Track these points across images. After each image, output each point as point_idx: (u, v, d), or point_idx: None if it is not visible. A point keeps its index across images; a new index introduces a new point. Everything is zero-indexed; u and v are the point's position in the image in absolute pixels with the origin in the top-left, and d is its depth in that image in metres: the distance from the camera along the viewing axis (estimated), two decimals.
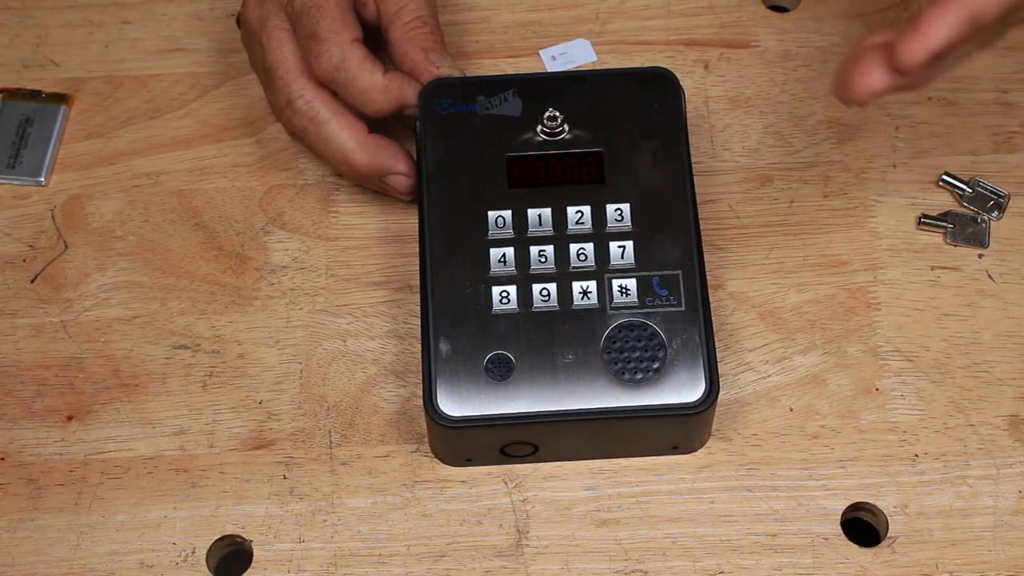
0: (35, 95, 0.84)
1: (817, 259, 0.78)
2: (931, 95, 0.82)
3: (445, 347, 0.71)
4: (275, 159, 0.82)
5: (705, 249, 0.74)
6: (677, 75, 0.76)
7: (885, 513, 0.72)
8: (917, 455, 0.73)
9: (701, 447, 0.74)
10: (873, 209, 0.80)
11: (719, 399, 0.71)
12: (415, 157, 0.77)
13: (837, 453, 0.73)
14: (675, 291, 0.71)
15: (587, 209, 0.73)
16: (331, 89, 0.76)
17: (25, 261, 0.80)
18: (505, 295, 0.72)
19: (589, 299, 0.71)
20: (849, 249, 0.78)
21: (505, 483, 0.73)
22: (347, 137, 0.76)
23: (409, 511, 0.73)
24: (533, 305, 0.71)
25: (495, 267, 0.72)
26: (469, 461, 0.73)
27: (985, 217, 0.79)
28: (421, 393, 0.71)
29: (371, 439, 0.74)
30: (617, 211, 0.73)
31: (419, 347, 0.76)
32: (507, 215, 0.73)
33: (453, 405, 0.70)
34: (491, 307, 0.71)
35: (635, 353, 0.70)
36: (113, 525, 0.73)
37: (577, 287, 0.72)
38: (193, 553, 0.72)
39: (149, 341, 0.77)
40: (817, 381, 0.75)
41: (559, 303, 0.71)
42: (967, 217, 0.79)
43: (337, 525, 0.72)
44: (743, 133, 0.82)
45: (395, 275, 0.78)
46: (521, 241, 0.73)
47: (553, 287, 0.72)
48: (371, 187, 0.79)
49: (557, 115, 0.74)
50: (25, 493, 0.73)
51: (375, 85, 0.75)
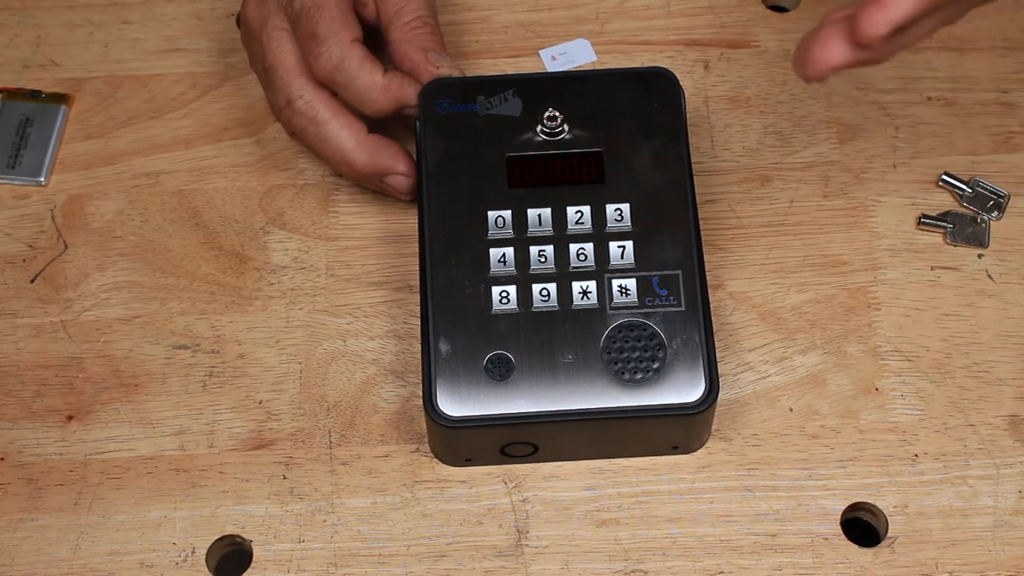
0: (35, 95, 0.84)
1: (817, 259, 0.78)
2: (931, 95, 0.82)
3: (445, 347, 0.71)
4: (275, 159, 0.82)
5: (705, 249, 0.74)
6: (677, 75, 0.76)
7: (885, 513, 0.72)
8: (917, 455, 0.73)
9: (701, 447, 0.74)
10: (873, 209, 0.80)
11: (719, 399, 0.71)
12: (415, 157, 0.77)
13: (837, 453, 0.73)
14: (675, 291, 0.71)
15: (587, 209, 0.73)
16: (331, 89, 0.76)
17: (25, 261, 0.80)
18: (505, 295, 0.71)
19: (589, 299, 0.71)
20: (849, 249, 0.78)
21: (505, 483, 0.73)
22: (347, 137, 0.76)
23: (409, 511, 0.72)
24: (533, 305, 0.71)
25: (495, 267, 0.72)
26: (469, 461, 0.73)
27: (985, 217, 0.79)
28: (421, 393, 0.71)
29: (371, 439, 0.74)
30: (617, 211, 0.73)
31: (419, 347, 0.76)
32: (507, 215, 0.73)
33: (453, 405, 0.70)
34: (491, 307, 0.71)
35: (635, 353, 0.70)
36: (113, 525, 0.73)
37: (577, 287, 0.72)
38: (193, 553, 0.72)
39: (149, 341, 0.77)
40: (817, 381, 0.75)
41: (559, 303, 0.71)
42: (967, 217, 0.79)
43: (337, 525, 0.72)
44: (743, 133, 0.82)
45: (395, 275, 0.78)
46: (521, 241, 0.73)
47: (553, 287, 0.72)
48: (371, 187, 0.79)
49: (557, 115, 0.74)
50: (25, 493, 0.73)
51: (375, 85, 0.75)
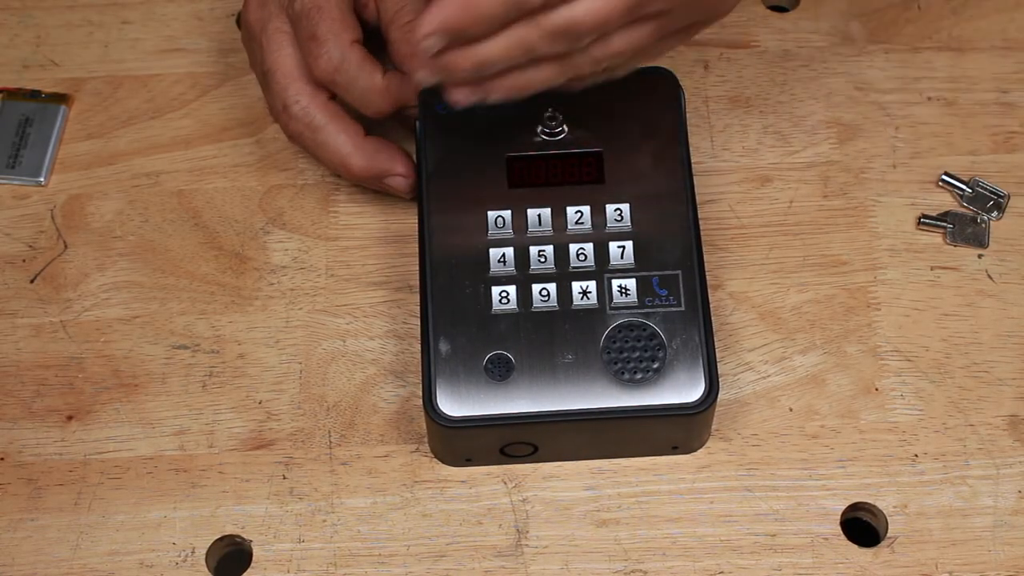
0: (35, 95, 0.84)
1: (817, 259, 0.78)
2: (931, 95, 0.82)
3: (445, 347, 0.70)
4: (275, 159, 0.82)
5: (705, 249, 0.74)
6: (677, 75, 0.76)
7: (885, 513, 0.72)
8: (917, 455, 0.73)
9: (701, 447, 0.74)
10: (873, 209, 0.79)
11: (719, 399, 0.71)
12: (415, 157, 0.77)
13: (837, 453, 0.73)
14: (675, 291, 0.71)
15: (587, 209, 0.73)
16: (331, 90, 0.76)
17: (25, 261, 0.80)
18: (505, 295, 0.71)
19: (589, 299, 0.71)
20: (849, 249, 0.78)
21: (505, 483, 0.73)
22: (344, 142, 0.76)
23: (409, 511, 0.72)
24: (533, 305, 0.71)
25: (495, 267, 0.72)
26: (469, 461, 0.73)
27: (985, 217, 0.79)
28: (421, 393, 0.71)
29: (371, 439, 0.74)
30: (617, 211, 0.73)
31: (419, 347, 0.76)
32: (507, 215, 0.73)
33: (453, 405, 0.70)
34: (491, 307, 0.71)
35: (635, 353, 0.70)
36: (113, 525, 0.73)
37: (577, 287, 0.72)
38: (193, 553, 0.72)
39: (149, 341, 0.77)
40: (817, 381, 0.75)
41: (559, 303, 0.71)
42: (967, 217, 0.79)
43: (337, 525, 0.72)
44: (743, 133, 0.82)
45: (395, 275, 0.78)
46: (521, 241, 0.73)
47: (553, 287, 0.72)
48: (371, 187, 0.79)
49: (557, 115, 0.74)
50: (25, 493, 0.73)
51: (375, 86, 0.75)
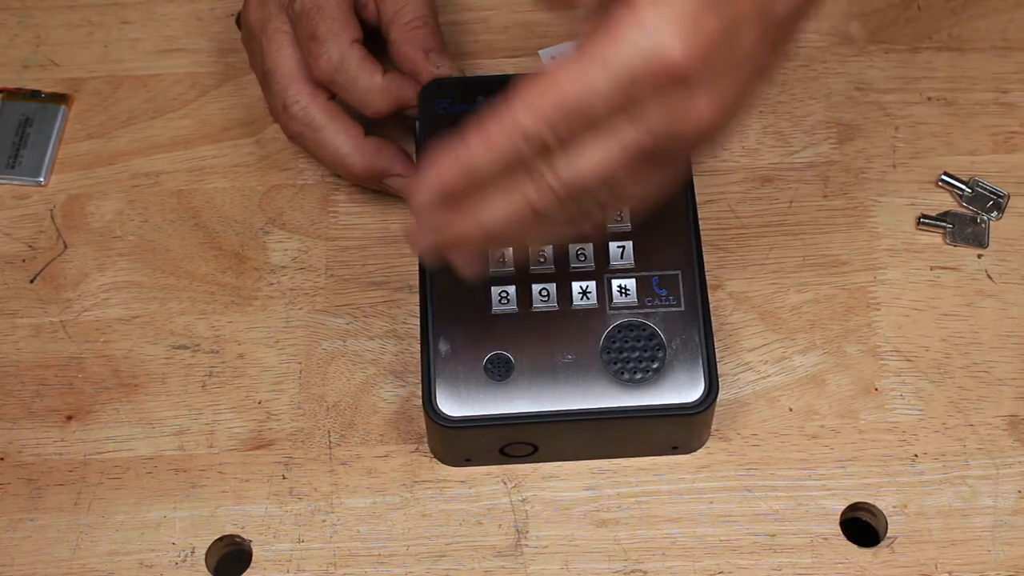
0: (35, 95, 0.84)
1: (817, 259, 0.78)
2: (931, 95, 0.82)
3: (444, 347, 0.70)
4: (274, 159, 0.82)
5: (705, 249, 0.74)
6: None
7: (884, 513, 0.72)
8: (916, 455, 0.73)
9: (701, 447, 0.74)
10: (873, 209, 0.79)
11: (718, 399, 0.71)
12: (415, 157, 0.77)
13: (836, 453, 0.73)
14: (675, 291, 0.71)
15: None
16: (331, 91, 0.76)
17: (25, 261, 0.80)
18: (504, 295, 0.71)
19: (588, 299, 0.71)
20: (849, 249, 0.78)
21: (504, 483, 0.73)
22: (343, 142, 0.76)
23: (408, 511, 0.72)
24: (532, 305, 0.71)
25: (494, 267, 0.72)
26: (468, 461, 0.73)
27: (984, 217, 0.79)
28: (420, 393, 0.71)
29: (370, 439, 0.74)
30: (616, 211, 0.73)
31: (418, 347, 0.76)
32: None
33: (452, 405, 0.70)
34: (490, 307, 0.71)
35: (634, 353, 0.70)
36: (112, 525, 0.73)
37: (576, 287, 0.72)
38: (192, 553, 0.72)
39: (149, 341, 0.77)
40: (817, 381, 0.75)
41: (558, 303, 0.71)
42: (966, 217, 0.79)
43: (336, 525, 0.72)
44: (742, 133, 0.82)
45: (394, 275, 0.78)
46: None
47: (552, 287, 0.72)
48: (371, 187, 0.79)
49: None
50: (25, 493, 0.73)
51: (374, 86, 0.75)
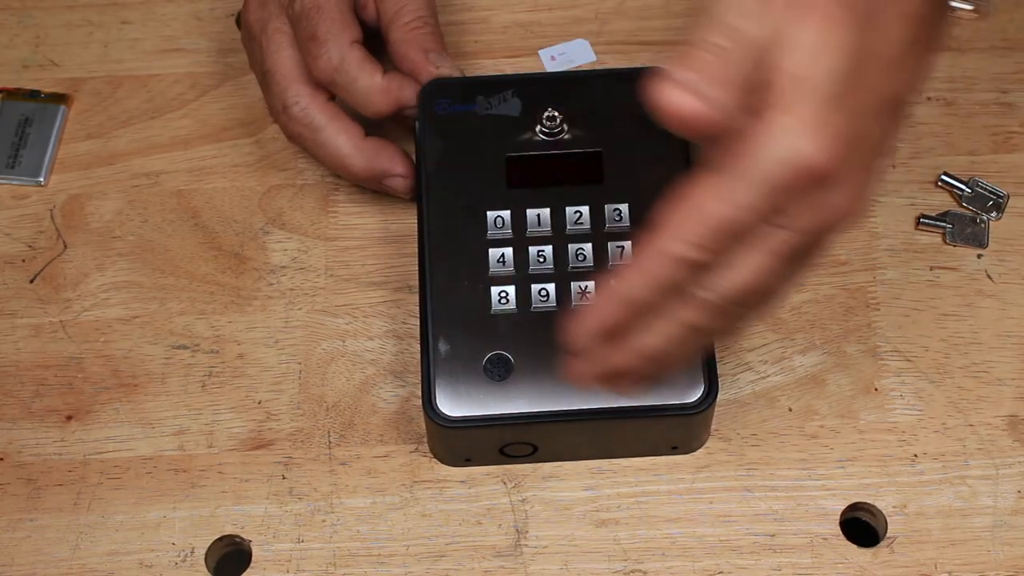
0: (34, 95, 0.84)
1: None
2: (931, 95, 0.82)
3: (444, 347, 0.70)
4: (274, 159, 0.82)
5: None
6: None
7: (884, 513, 0.72)
8: (916, 455, 0.73)
9: (700, 447, 0.74)
10: (872, 209, 0.79)
11: (718, 399, 0.71)
12: (414, 157, 0.77)
13: (836, 453, 0.73)
14: None
15: (586, 209, 0.73)
16: (330, 91, 0.76)
17: (24, 261, 0.80)
18: (504, 295, 0.71)
19: (588, 299, 0.71)
20: (848, 249, 0.78)
21: (504, 483, 0.73)
22: (343, 143, 0.76)
23: (408, 511, 0.72)
24: (532, 305, 0.71)
25: (494, 267, 0.72)
26: (468, 461, 0.73)
27: (984, 217, 0.79)
28: (420, 393, 0.71)
29: (370, 439, 0.74)
30: (616, 211, 0.73)
31: (418, 347, 0.76)
32: (506, 215, 0.73)
33: (452, 405, 0.70)
34: (490, 307, 0.71)
35: None
36: (112, 525, 0.73)
37: (576, 287, 0.72)
38: (192, 553, 0.72)
39: (148, 341, 0.77)
40: (816, 381, 0.75)
41: (558, 303, 0.71)
42: (966, 217, 0.79)
43: (336, 525, 0.72)
44: None
45: (394, 275, 0.78)
46: (520, 241, 0.72)
47: (552, 287, 0.72)
48: (371, 188, 0.79)
49: (556, 115, 0.74)
50: (24, 493, 0.73)
51: (374, 86, 0.75)
